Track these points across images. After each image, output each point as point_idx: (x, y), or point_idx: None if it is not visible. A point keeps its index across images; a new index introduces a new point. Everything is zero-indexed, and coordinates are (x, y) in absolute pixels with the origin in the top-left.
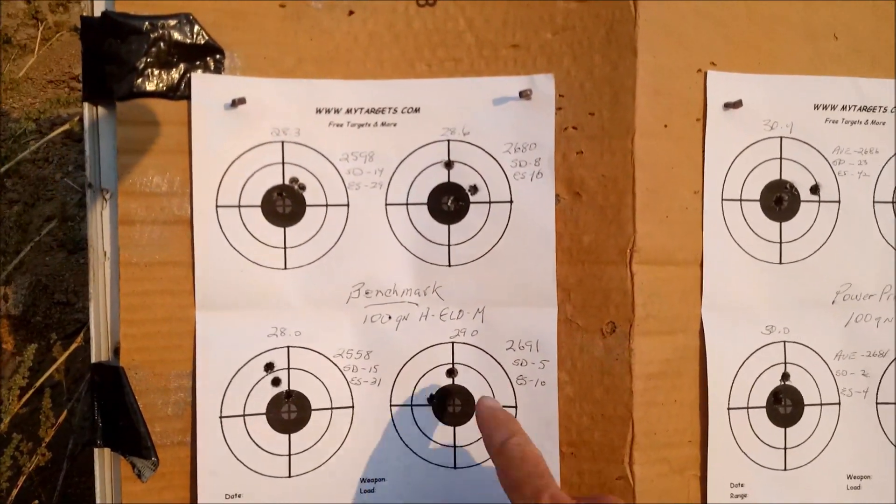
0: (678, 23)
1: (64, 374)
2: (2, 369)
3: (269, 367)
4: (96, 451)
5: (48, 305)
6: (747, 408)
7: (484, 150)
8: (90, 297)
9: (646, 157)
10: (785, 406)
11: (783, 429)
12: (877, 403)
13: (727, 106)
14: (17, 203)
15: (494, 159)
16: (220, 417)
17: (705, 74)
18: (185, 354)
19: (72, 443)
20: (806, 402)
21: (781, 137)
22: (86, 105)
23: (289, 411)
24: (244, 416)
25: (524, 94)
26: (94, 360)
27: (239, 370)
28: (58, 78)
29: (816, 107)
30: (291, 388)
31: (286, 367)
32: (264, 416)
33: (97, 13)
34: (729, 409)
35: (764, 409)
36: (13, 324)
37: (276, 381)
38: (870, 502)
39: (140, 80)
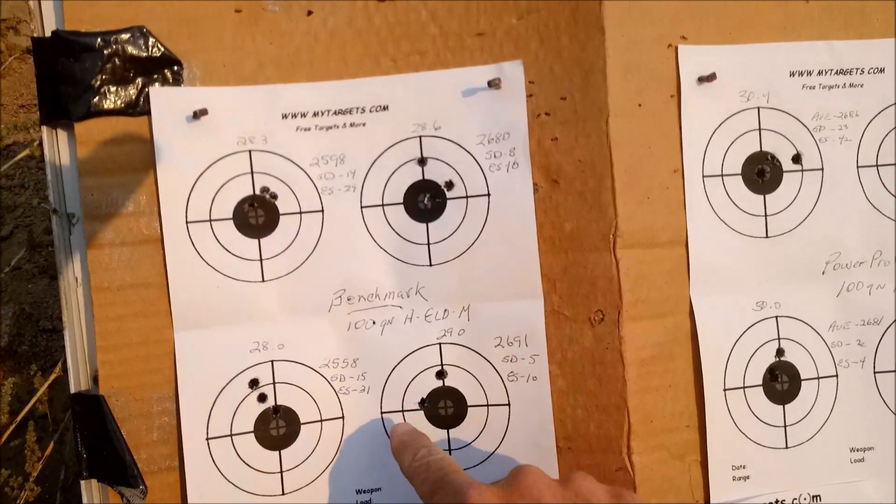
0: None
1: (49, 404)
2: None
3: (253, 383)
4: (83, 483)
5: (34, 333)
6: (744, 387)
7: (457, 143)
8: (64, 325)
9: (622, 138)
10: (782, 382)
11: (781, 406)
12: (874, 373)
13: (701, 80)
14: None
15: (468, 152)
16: (207, 439)
17: (676, 49)
18: (166, 377)
19: (63, 474)
20: (803, 377)
21: (759, 108)
22: (44, 129)
23: (277, 427)
24: (231, 435)
25: (493, 84)
26: (73, 390)
27: (223, 389)
28: (29, 102)
29: (792, 73)
30: (278, 403)
31: (271, 381)
32: (252, 435)
33: (48, 33)
34: (725, 390)
35: (760, 388)
36: (0, 355)
37: (262, 398)
38: (874, 474)
39: (97, 99)
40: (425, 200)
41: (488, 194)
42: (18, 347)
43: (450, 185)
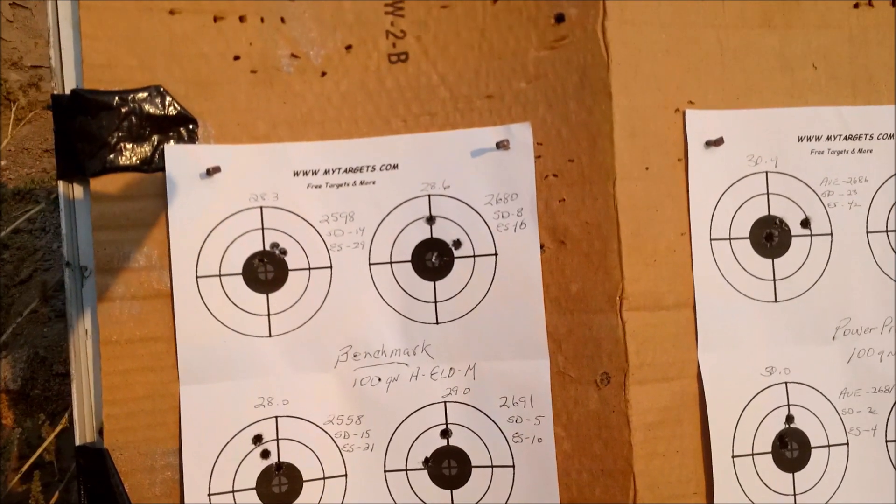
0: (651, 64)
1: (56, 453)
2: (2, 446)
3: (257, 439)
4: None
5: (47, 377)
6: (752, 454)
7: (465, 203)
8: (72, 377)
9: (628, 200)
10: (791, 450)
11: (791, 474)
12: (886, 441)
13: (708, 144)
14: (4, 277)
15: (476, 212)
16: (209, 495)
17: (683, 114)
18: (171, 431)
19: None
20: (813, 445)
21: (767, 172)
22: (60, 183)
23: (279, 484)
24: (233, 491)
25: (501, 145)
26: (78, 442)
27: (226, 444)
28: (52, 147)
29: (801, 139)
30: (281, 459)
31: (275, 438)
32: (254, 492)
33: (67, 91)
34: (734, 456)
35: (770, 455)
36: (12, 398)
37: (265, 454)
38: None
39: (113, 156)
40: (433, 259)
41: (496, 254)
42: (31, 391)
43: (458, 243)
